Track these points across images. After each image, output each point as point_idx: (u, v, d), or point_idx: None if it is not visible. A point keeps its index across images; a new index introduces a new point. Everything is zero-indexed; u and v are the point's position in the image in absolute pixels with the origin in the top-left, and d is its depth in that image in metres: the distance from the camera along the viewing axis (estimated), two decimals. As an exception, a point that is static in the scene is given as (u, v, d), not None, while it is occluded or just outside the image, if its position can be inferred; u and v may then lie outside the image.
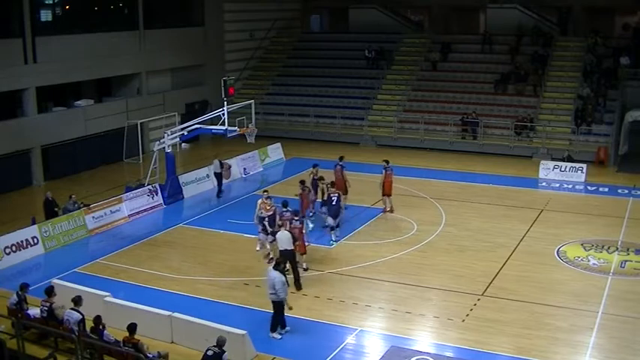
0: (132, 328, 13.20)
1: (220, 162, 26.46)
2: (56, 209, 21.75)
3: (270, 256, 18.54)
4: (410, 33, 41.40)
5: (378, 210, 23.74)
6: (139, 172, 27.12)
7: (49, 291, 14.79)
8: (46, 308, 14.50)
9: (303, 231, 18.38)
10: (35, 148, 27.85)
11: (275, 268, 15.08)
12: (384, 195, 23.35)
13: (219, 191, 26.30)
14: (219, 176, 26.46)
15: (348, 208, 22.95)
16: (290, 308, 15.15)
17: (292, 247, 17.15)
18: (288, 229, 17.57)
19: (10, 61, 26.53)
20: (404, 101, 36.09)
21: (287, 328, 15.27)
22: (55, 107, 29.70)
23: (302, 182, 21.95)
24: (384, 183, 23.12)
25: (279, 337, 15.08)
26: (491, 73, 35.83)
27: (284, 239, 17.17)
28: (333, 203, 20.40)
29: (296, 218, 18.32)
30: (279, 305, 15.03)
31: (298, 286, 17.41)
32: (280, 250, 17.17)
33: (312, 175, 23.16)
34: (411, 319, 16.16)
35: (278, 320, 15.17)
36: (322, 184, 22.56)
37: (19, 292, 15.24)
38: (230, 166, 27.34)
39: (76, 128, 29.46)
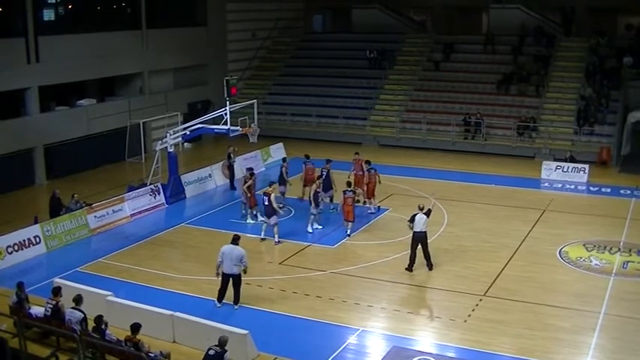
0: (135, 327, 13.19)
1: (229, 154, 26.71)
2: (62, 211, 21.71)
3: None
4: (412, 33, 41.34)
5: (380, 211, 23.74)
6: (142, 171, 27.13)
7: (56, 291, 14.78)
8: (51, 307, 14.49)
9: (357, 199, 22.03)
10: (38, 147, 27.88)
11: (234, 243, 16.26)
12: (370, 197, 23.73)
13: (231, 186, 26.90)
14: (231, 169, 26.85)
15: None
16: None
17: (425, 229, 18.21)
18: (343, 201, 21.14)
19: (13, 61, 26.54)
20: (406, 101, 36.09)
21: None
22: (58, 106, 29.70)
23: (249, 169, 23.68)
24: (369, 184, 23.52)
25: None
26: (493, 73, 35.77)
27: (420, 222, 18.07)
28: (266, 203, 20.44)
29: (349, 189, 21.18)
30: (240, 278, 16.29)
31: (430, 265, 18.59)
32: (415, 232, 18.17)
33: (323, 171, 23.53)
34: (413, 319, 16.17)
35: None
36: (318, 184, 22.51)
37: (18, 292, 15.26)
38: (232, 162, 27.18)
39: (78, 127, 29.49)
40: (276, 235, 20.74)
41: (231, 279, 16.18)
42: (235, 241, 16.34)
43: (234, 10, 38.79)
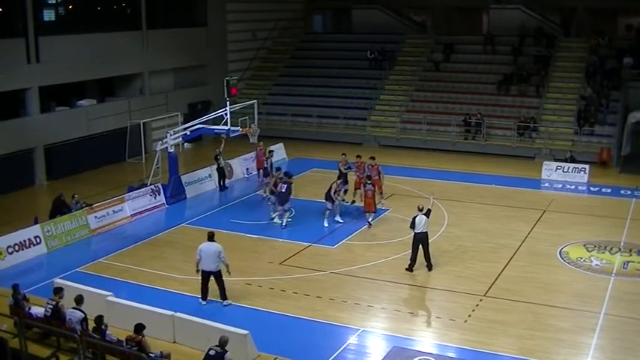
0: (139, 328, 13.16)
1: (216, 157, 26.75)
2: (63, 210, 21.72)
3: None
4: (413, 33, 41.39)
5: (380, 211, 23.71)
6: (142, 172, 27.10)
7: (57, 291, 14.78)
8: (51, 307, 14.49)
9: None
10: (38, 147, 27.89)
11: (210, 240, 16.46)
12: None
13: (220, 187, 26.88)
14: (220, 171, 26.82)
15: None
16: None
17: (426, 230, 18.40)
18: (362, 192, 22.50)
19: (13, 61, 26.55)
20: (406, 102, 36.09)
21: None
22: (58, 107, 29.70)
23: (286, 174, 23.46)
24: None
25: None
26: (493, 73, 35.78)
27: (421, 223, 18.27)
28: (284, 190, 21.85)
29: (369, 182, 22.29)
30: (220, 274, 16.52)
31: (430, 266, 18.61)
32: (416, 232, 18.30)
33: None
34: (413, 319, 16.19)
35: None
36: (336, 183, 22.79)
37: (13, 294, 15.23)
38: (220, 164, 27.21)
39: (78, 128, 29.49)
40: (285, 219, 22.11)
41: (211, 276, 16.42)
42: (211, 238, 16.54)
43: (234, 10, 38.79)
